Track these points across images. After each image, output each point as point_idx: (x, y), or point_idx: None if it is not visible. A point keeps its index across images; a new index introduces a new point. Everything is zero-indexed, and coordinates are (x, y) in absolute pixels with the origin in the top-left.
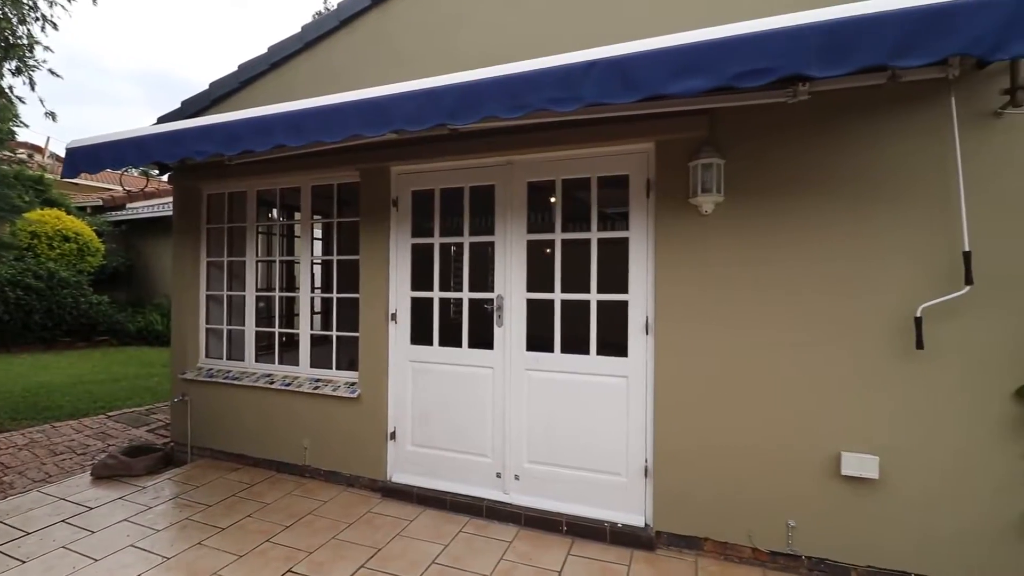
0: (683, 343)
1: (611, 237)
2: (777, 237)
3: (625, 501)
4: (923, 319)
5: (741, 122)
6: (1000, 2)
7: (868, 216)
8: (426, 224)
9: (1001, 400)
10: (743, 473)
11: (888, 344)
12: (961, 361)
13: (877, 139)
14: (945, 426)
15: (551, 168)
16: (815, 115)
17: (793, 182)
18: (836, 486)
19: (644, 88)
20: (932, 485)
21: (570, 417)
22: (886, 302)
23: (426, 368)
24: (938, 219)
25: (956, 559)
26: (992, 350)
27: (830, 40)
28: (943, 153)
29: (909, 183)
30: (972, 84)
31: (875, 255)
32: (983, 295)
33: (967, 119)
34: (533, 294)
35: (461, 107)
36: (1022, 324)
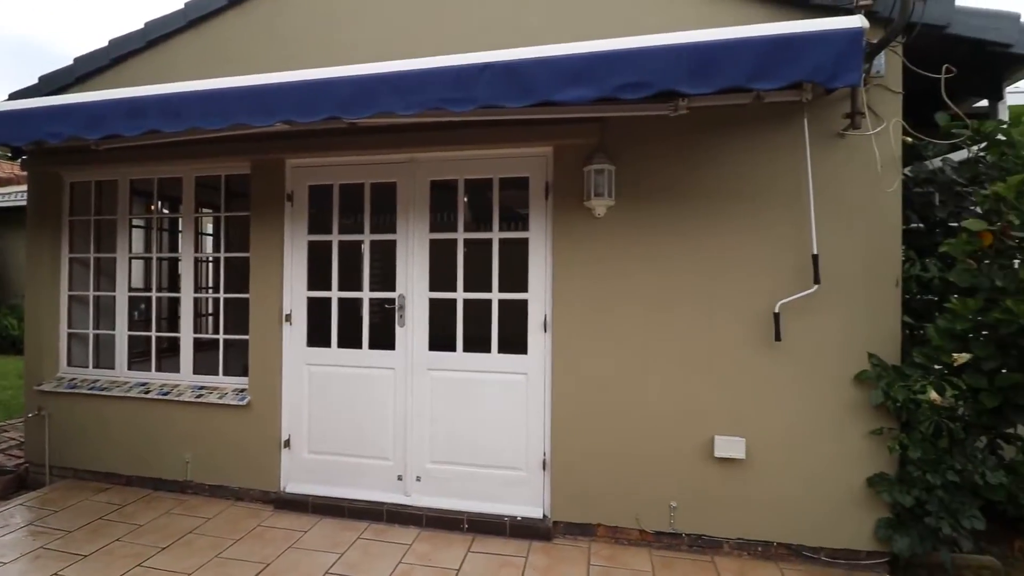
0: (578, 339)
1: (512, 237)
2: (662, 239)
3: (525, 495)
4: (781, 314)
5: (630, 131)
6: (835, 38)
7: (740, 221)
8: (324, 220)
9: (844, 385)
10: (631, 460)
11: (754, 337)
12: (812, 351)
13: (746, 152)
14: (800, 409)
15: (454, 167)
16: (694, 128)
17: (676, 188)
18: (710, 467)
19: (536, 93)
20: (789, 462)
21: (472, 415)
22: (753, 299)
23: (324, 371)
24: (795, 225)
25: (810, 526)
26: (836, 341)
27: (699, 60)
28: (798, 167)
29: (772, 192)
30: (822, 108)
31: (744, 256)
32: (828, 292)
33: (817, 138)
34: (436, 293)
35: (354, 100)
36: (859, 318)
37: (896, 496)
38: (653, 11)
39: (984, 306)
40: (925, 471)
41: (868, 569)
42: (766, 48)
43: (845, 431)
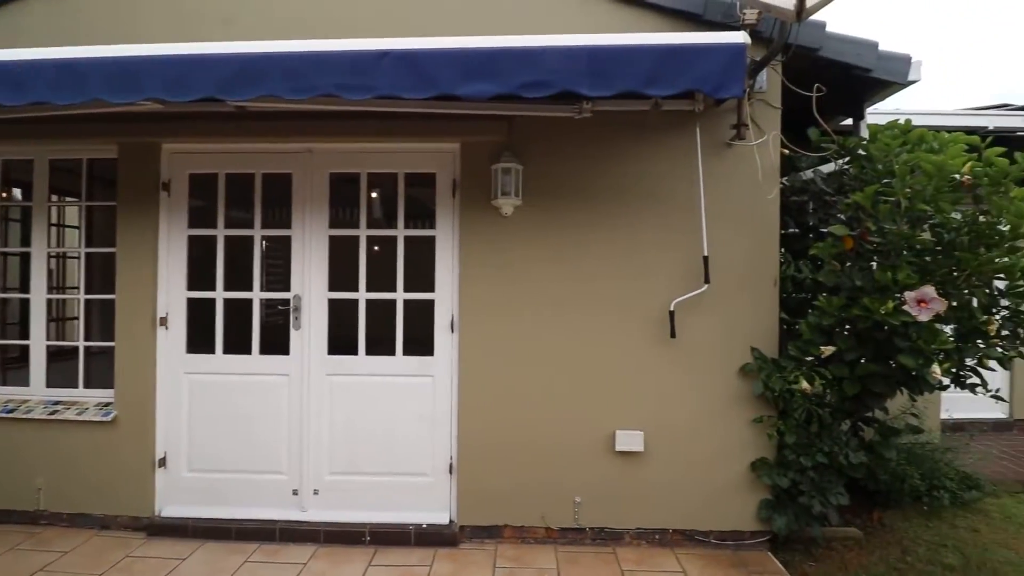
0: (485, 340)
1: (418, 235)
2: (568, 239)
3: (431, 501)
4: (675, 312)
5: (538, 131)
6: (721, 50)
7: (641, 223)
8: (209, 213)
9: (731, 377)
10: (538, 459)
11: (652, 334)
12: (702, 346)
13: (647, 157)
14: (692, 401)
15: (356, 160)
16: (599, 132)
17: (582, 189)
18: (613, 461)
19: (438, 85)
20: (683, 452)
21: (376, 421)
22: (652, 298)
23: (207, 380)
24: (689, 228)
25: (701, 512)
26: (723, 336)
27: (598, 63)
28: (692, 173)
29: (670, 196)
30: (712, 119)
31: (644, 257)
32: (717, 291)
33: (708, 147)
34: (336, 293)
35: (236, 81)
36: (742, 315)
37: (775, 479)
38: (552, 17)
39: (846, 303)
40: (799, 455)
41: (752, 548)
42: (660, 55)
43: (732, 420)
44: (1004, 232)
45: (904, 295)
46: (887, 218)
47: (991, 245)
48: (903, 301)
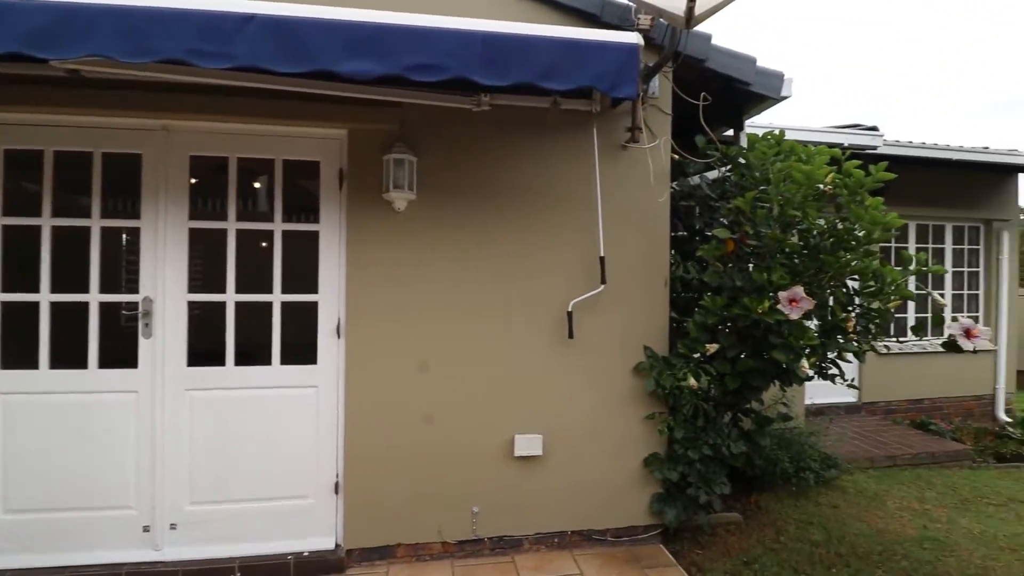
0: (376, 344)
1: (299, 230)
2: (466, 237)
3: (315, 525)
4: (573, 313)
5: (435, 123)
6: (616, 49)
7: (541, 222)
8: (30, 198)
9: (625, 376)
10: (433, 470)
11: (551, 335)
12: (599, 346)
13: (548, 156)
14: (590, 401)
15: (225, 142)
16: (500, 127)
17: (481, 185)
18: (511, 467)
19: (316, 60)
20: (581, 452)
21: (249, 440)
22: (550, 299)
23: (29, 402)
24: (587, 228)
25: (598, 511)
26: (618, 336)
27: (494, 50)
28: (589, 174)
29: (568, 196)
30: (609, 120)
31: (544, 257)
32: (612, 292)
33: (605, 148)
34: (198, 295)
35: (51, 35)
36: (636, 315)
37: (665, 473)
38: (445, 2)
39: (728, 303)
40: (687, 448)
41: (646, 542)
42: (557, 48)
43: (627, 418)
44: (860, 237)
45: (778, 295)
46: (763, 222)
47: (849, 249)
48: (777, 300)
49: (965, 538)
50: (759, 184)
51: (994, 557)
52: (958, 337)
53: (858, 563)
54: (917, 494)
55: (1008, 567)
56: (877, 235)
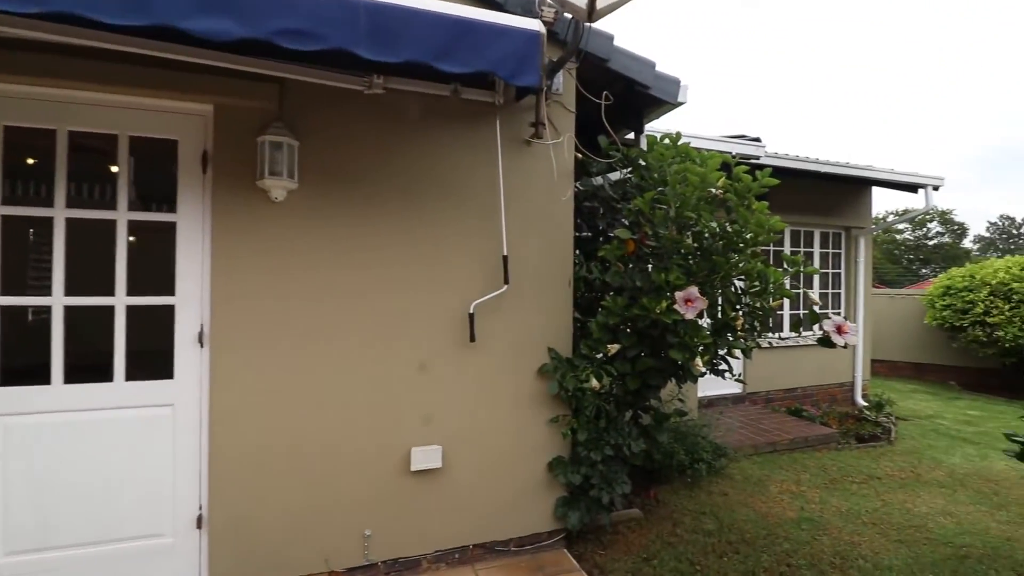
0: (248, 353)
1: (151, 220)
2: (357, 233)
3: (172, 567)
4: (475, 315)
5: (323, 105)
6: (516, 35)
7: (441, 219)
8: None
9: (530, 379)
10: (318, 493)
11: (451, 339)
12: (502, 349)
13: (450, 148)
14: (493, 407)
15: (50, 111)
16: (399, 116)
17: (376, 178)
18: (407, 483)
19: (150, 12)
20: (483, 461)
21: (85, 474)
22: (451, 300)
23: None
24: (489, 226)
25: (501, 521)
26: (523, 338)
27: (380, 21)
28: (493, 169)
29: (471, 193)
30: (513, 114)
31: (444, 256)
32: (516, 292)
33: (509, 143)
34: (11, 298)
35: None
36: (540, 315)
37: (569, 477)
38: None
39: (628, 303)
40: (590, 450)
41: (550, 548)
42: (454, 27)
43: (531, 423)
44: (747, 239)
45: (675, 295)
46: (661, 223)
47: (737, 251)
48: (674, 300)
49: (835, 516)
50: (657, 185)
51: (860, 533)
52: (831, 334)
53: (746, 549)
54: (794, 477)
55: (871, 541)
56: (763, 238)
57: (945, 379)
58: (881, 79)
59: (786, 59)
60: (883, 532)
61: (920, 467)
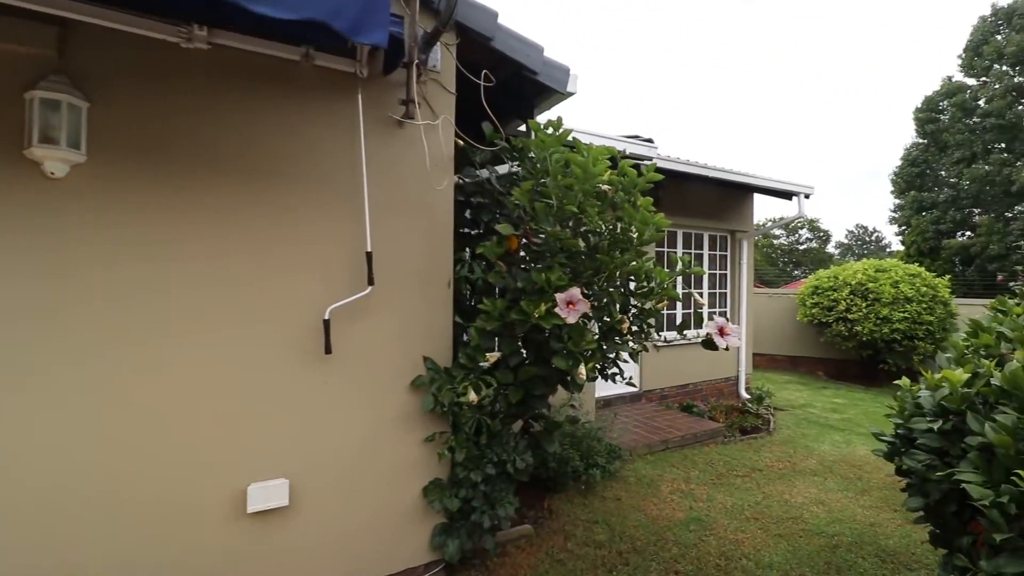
0: (18, 378)
1: None
2: (178, 223)
3: None
4: (332, 321)
5: (129, 59)
6: None
7: (289, 210)
8: None
9: (402, 393)
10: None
11: (304, 349)
12: (367, 361)
13: (302, 125)
14: (356, 428)
15: None
16: (232, 79)
17: (207, 156)
18: (242, 528)
19: None
20: (345, 493)
21: None
22: (302, 304)
23: None
24: (352, 219)
25: (370, 558)
26: (393, 347)
27: None
28: (356, 152)
29: (332, 179)
30: (381, 89)
31: (294, 253)
32: (384, 294)
33: (376, 123)
34: None
35: None
36: (415, 321)
37: (446, 502)
38: None
39: (509, 306)
40: (470, 470)
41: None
42: None
43: (404, 443)
44: (634, 237)
45: (556, 297)
46: (543, 218)
47: (624, 249)
48: (555, 303)
49: (721, 513)
50: (541, 176)
51: (743, 530)
52: (714, 336)
53: (636, 559)
54: (684, 474)
55: (754, 538)
56: (648, 235)
57: (814, 370)
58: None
59: (687, 66)
60: (764, 527)
61: (795, 456)
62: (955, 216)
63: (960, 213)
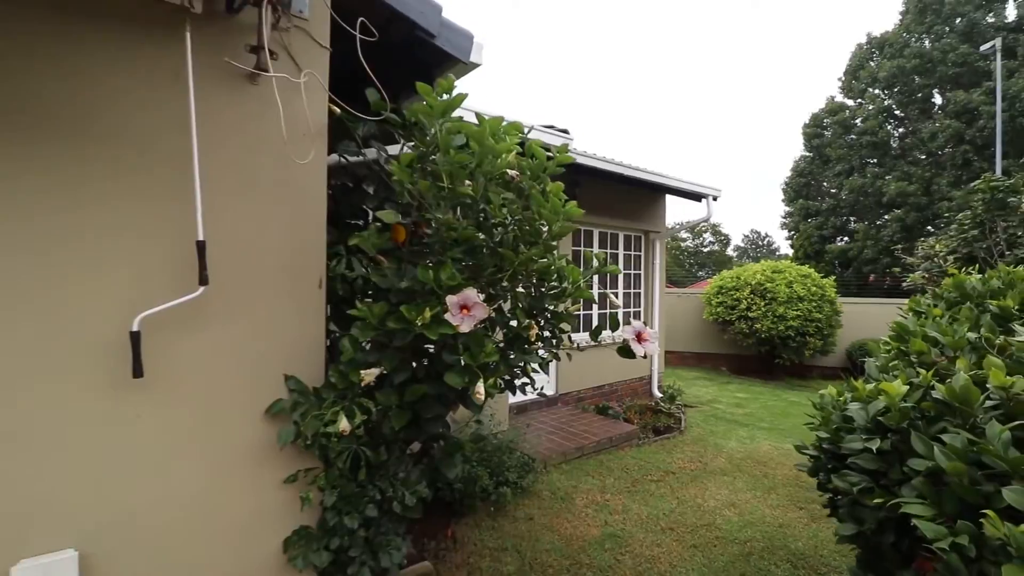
0: None
1: None
2: None
3: None
4: (144, 334)
5: None
6: None
7: (85, 184)
8: None
9: (255, 423)
10: None
11: (100, 376)
12: (205, 384)
13: (111, 71)
14: (184, 470)
15: None
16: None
17: None
18: None
19: None
20: (169, 554)
21: None
22: (99, 313)
23: None
24: (177, 197)
25: None
26: (239, 365)
27: None
28: (185, 111)
29: (149, 143)
30: (224, 32)
31: (90, 243)
32: (227, 296)
33: (214, 75)
34: None
35: None
36: (273, 330)
37: (311, 557)
38: None
39: (390, 311)
40: (344, 514)
41: None
42: None
43: (258, 486)
44: (544, 230)
45: (447, 300)
46: (434, 204)
47: (531, 243)
48: (446, 308)
49: (637, 526)
50: (431, 151)
51: (659, 543)
52: (631, 342)
53: None
54: (600, 483)
55: (669, 552)
56: (558, 227)
57: (719, 366)
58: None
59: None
60: (680, 538)
61: (706, 456)
62: (835, 223)
63: (840, 220)
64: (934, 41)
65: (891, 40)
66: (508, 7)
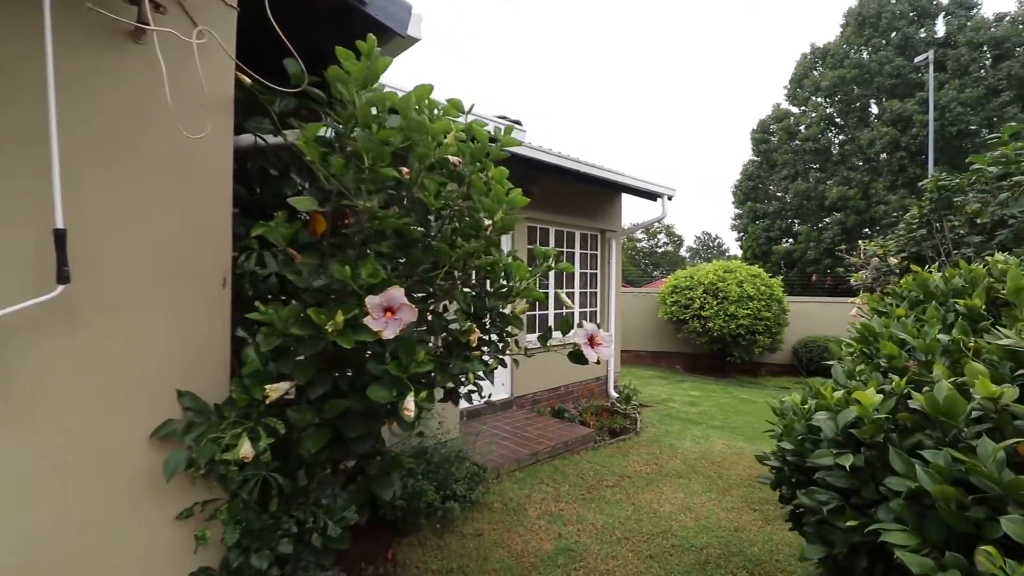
0: None
1: None
2: None
3: None
4: None
5: None
6: None
7: None
8: None
9: (138, 448)
10: None
11: None
12: (72, 403)
13: None
14: (44, 509)
15: None
16: None
17: None
18: None
19: None
20: None
21: None
22: None
23: None
24: (32, 174)
25: None
26: (119, 379)
27: None
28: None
29: None
30: None
31: None
32: (103, 298)
33: (82, 28)
34: None
35: None
36: (161, 338)
37: None
38: None
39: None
40: (250, 554)
41: None
42: None
43: (145, 524)
44: (487, 224)
45: (368, 301)
46: (353, 186)
47: (471, 236)
48: (366, 311)
49: (592, 537)
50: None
51: (615, 555)
52: (583, 347)
53: None
54: (554, 491)
55: (625, 564)
56: (500, 218)
57: (673, 364)
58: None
59: (547, 66)
60: (635, 548)
61: (661, 457)
62: (781, 225)
63: (785, 222)
64: (872, 53)
65: (833, 51)
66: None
